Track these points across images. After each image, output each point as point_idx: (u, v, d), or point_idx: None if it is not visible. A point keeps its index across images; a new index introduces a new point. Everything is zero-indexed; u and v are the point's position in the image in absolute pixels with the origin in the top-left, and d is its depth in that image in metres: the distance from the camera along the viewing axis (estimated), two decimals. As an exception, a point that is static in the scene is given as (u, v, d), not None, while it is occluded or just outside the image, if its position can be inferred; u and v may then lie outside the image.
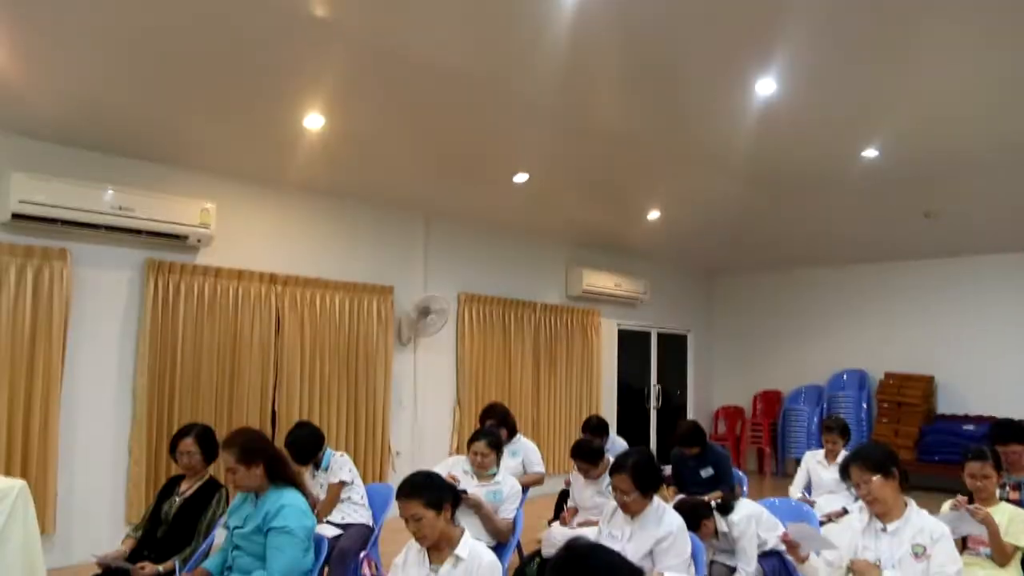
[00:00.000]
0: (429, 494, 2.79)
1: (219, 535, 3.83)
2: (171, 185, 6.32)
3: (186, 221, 6.19)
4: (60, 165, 5.78)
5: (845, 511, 5.19)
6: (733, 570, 4.23)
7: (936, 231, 9.07)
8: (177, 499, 4.07)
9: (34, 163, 5.66)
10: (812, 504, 5.45)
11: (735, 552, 4.14)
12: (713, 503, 4.28)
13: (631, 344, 11.14)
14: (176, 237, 6.23)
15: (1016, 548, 3.73)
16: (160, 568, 3.73)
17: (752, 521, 4.18)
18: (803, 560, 3.15)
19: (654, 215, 8.93)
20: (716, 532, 4.17)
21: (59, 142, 5.83)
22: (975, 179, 7.31)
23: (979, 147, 6.51)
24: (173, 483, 4.23)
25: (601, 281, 10.05)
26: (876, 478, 3.09)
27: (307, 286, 7.22)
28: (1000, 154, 6.61)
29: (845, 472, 3.23)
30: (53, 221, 5.60)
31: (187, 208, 6.21)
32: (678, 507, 4.20)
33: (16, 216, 5.44)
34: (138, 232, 6.01)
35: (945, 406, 10.26)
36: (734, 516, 4.19)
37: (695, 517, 4.11)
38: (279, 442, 5.05)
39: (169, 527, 3.99)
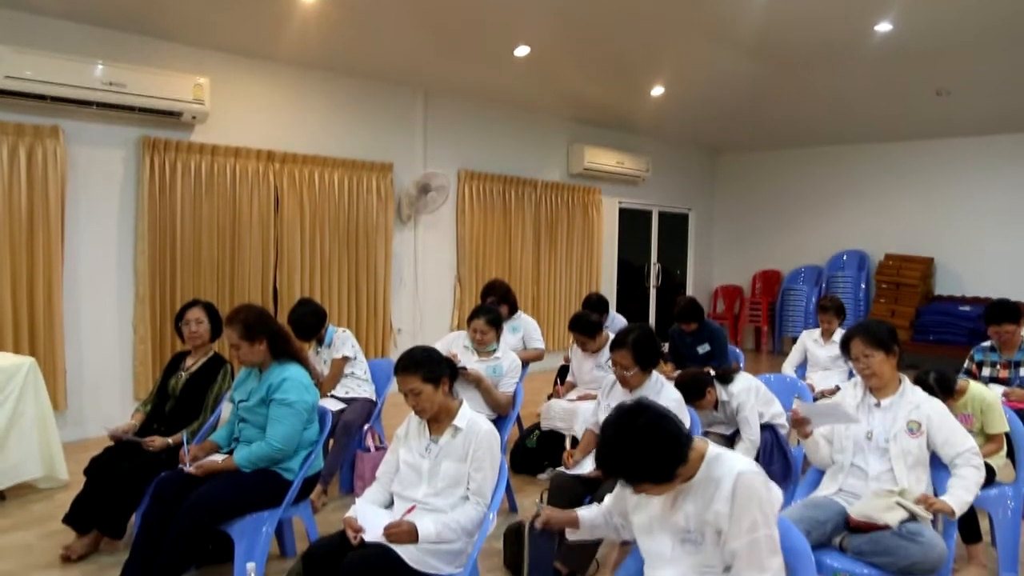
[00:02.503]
0: (427, 369, 2.84)
1: (225, 409, 3.92)
2: (163, 60, 6.16)
3: (179, 97, 6.04)
4: (47, 39, 5.60)
5: (838, 388, 5.30)
6: (728, 441, 4.36)
7: (946, 110, 8.86)
8: (183, 374, 4.15)
9: (21, 36, 5.48)
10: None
11: (737, 422, 4.26)
12: (712, 373, 4.37)
13: (632, 222, 11.12)
14: (170, 114, 6.10)
15: (1000, 435, 3.82)
16: (170, 440, 3.84)
17: (751, 393, 4.28)
18: (807, 436, 3.21)
19: (658, 91, 8.71)
20: (716, 403, 4.28)
21: (46, 14, 5.62)
22: (989, 55, 7.08)
23: (993, 22, 6.26)
24: (178, 359, 4.30)
25: (603, 158, 9.93)
26: (879, 354, 3.12)
27: (305, 163, 7.13)
28: (1013, 29, 6.37)
29: (846, 345, 3.22)
30: (42, 97, 5.47)
31: (180, 84, 6.05)
32: (681, 377, 4.29)
33: (3, 92, 5.30)
34: (131, 109, 5.88)
35: (943, 287, 10.33)
36: (733, 387, 4.29)
37: (699, 386, 4.21)
38: (282, 319, 5.10)
39: (176, 402, 4.08)
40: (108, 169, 6.06)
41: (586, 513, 2.44)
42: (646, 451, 2.03)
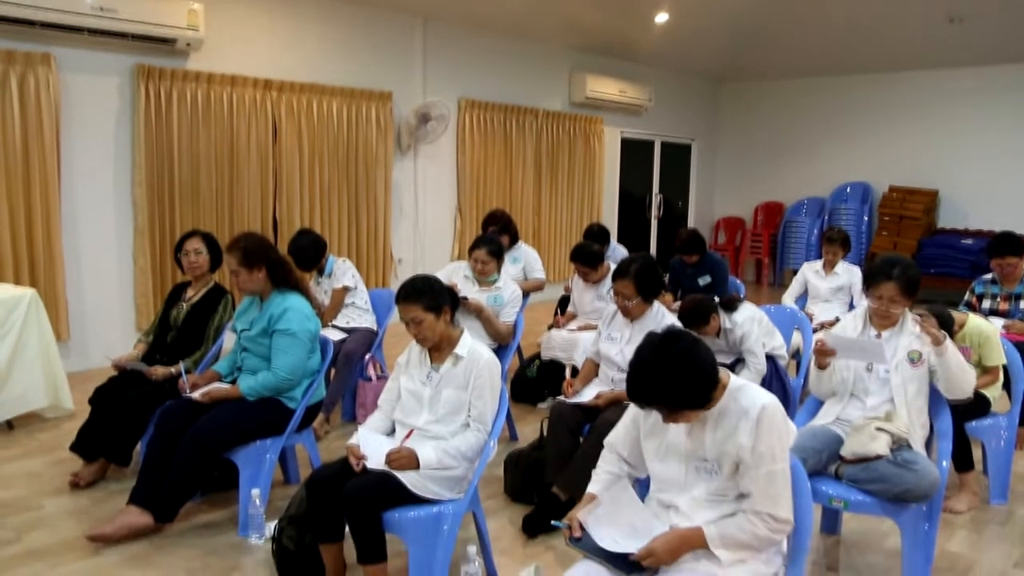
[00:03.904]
0: (428, 297, 2.83)
1: (228, 339, 3.94)
2: (154, -17, 5.99)
3: (173, 23, 5.91)
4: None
5: (838, 320, 5.32)
6: (729, 370, 4.38)
7: (957, 37, 8.67)
8: (184, 305, 4.16)
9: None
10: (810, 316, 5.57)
11: (742, 352, 4.28)
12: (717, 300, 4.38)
13: (634, 153, 11.00)
14: (163, 41, 5.97)
15: (997, 367, 3.83)
16: (172, 370, 3.86)
17: (755, 323, 4.29)
18: (823, 367, 3.22)
19: (662, 18, 8.51)
20: (719, 330, 4.29)
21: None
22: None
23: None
24: (179, 290, 4.30)
25: (605, 87, 9.76)
26: (907, 302, 3.07)
27: (303, 92, 7.01)
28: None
29: (873, 280, 3.10)
30: (32, 23, 5.35)
31: (173, 9, 5.91)
32: (685, 303, 4.30)
33: (-8, 17, 5.19)
34: (123, 35, 5.76)
35: (946, 220, 10.28)
36: (737, 316, 4.30)
37: (703, 312, 4.22)
38: (282, 249, 5.09)
39: (178, 332, 4.10)
40: (102, 98, 5.96)
41: (598, 487, 2.40)
42: (686, 377, 2.02)
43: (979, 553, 3.40)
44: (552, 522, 2.25)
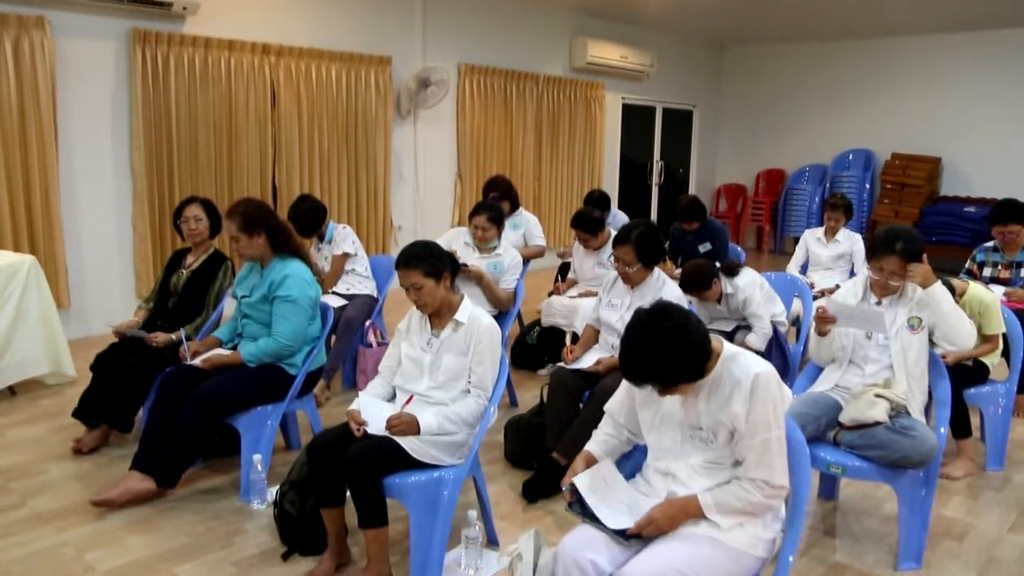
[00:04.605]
0: (428, 263, 2.82)
1: (229, 306, 3.94)
2: (149, -56, 5.91)
3: (169, -15, 5.84)
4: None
5: (838, 287, 5.32)
6: (728, 337, 4.40)
7: (963, 2, 8.53)
8: (184, 272, 4.15)
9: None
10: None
11: (747, 317, 4.33)
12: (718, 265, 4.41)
13: (635, 119, 10.92)
14: (159, 4, 5.91)
15: (996, 335, 3.83)
16: (173, 336, 3.87)
17: (756, 287, 4.32)
18: (823, 335, 3.22)
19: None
20: (721, 296, 4.30)
21: None
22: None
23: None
24: (179, 256, 4.29)
25: (606, 52, 9.66)
26: (909, 272, 3.08)
27: (302, 57, 6.94)
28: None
29: (876, 252, 3.10)
30: (26, -15, 5.29)
31: (168, -30, 5.84)
32: (686, 270, 4.31)
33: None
34: (119, -2, 5.69)
35: (949, 188, 10.23)
36: (739, 280, 4.32)
37: (705, 277, 4.25)
38: (282, 216, 5.06)
39: (179, 299, 4.10)
40: (98, 63, 5.90)
41: (596, 447, 2.41)
42: (679, 353, 2.01)
43: (974, 518, 3.43)
44: (564, 488, 2.27)
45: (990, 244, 4.76)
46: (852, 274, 5.69)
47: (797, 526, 2.15)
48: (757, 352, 3.70)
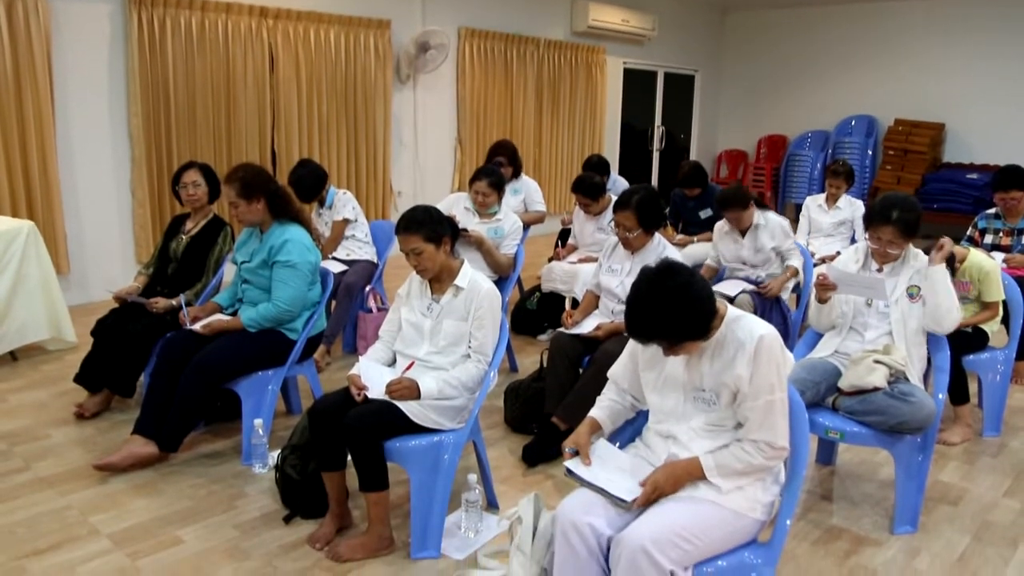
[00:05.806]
0: (428, 228, 2.82)
1: (229, 272, 3.93)
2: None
3: (164, -55, 5.76)
4: None
5: (838, 254, 5.32)
6: (729, 302, 4.44)
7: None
8: (184, 237, 4.14)
9: None
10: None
11: (783, 254, 4.65)
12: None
13: (636, 83, 10.83)
14: (155, -36, 5.82)
15: (996, 303, 3.83)
16: (173, 302, 3.87)
17: (780, 225, 4.65)
18: (824, 302, 3.22)
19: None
20: (751, 226, 4.64)
21: None
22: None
23: None
24: (178, 222, 4.27)
25: (607, 16, 9.55)
26: (905, 244, 3.08)
27: (300, 20, 6.86)
28: None
29: (872, 221, 3.09)
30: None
31: (164, -70, 5.75)
32: (726, 189, 4.70)
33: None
34: (114, -42, 5.61)
35: (952, 154, 10.16)
36: (769, 214, 4.67)
37: (744, 195, 4.58)
38: (281, 181, 5.04)
39: (178, 264, 4.10)
40: (94, 26, 5.82)
41: (599, 412, 2.42)
42: (685, 310, 2.01)
43: (970, 483, 3.46)
44: (566, 449, 2.28)
45: (992, 211, 4.74)
46: (853, 241, 5.67)
47: (795, 490, 2.17)
48: (797, 272, 4.32)
